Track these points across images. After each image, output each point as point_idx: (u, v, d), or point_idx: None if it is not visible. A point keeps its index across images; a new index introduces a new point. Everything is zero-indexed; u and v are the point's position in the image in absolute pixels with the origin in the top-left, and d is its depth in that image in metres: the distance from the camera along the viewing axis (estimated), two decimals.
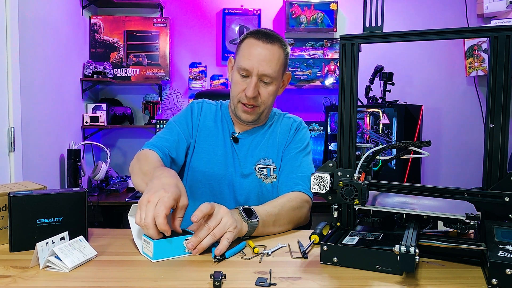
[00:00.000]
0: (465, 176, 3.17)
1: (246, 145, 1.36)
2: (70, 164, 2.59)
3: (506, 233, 0.80)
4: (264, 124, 1.40)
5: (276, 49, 1.26)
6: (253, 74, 1.24)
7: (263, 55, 1.24)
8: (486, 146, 0.85)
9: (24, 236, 0.92)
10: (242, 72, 1.26)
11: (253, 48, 1.25)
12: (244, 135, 1.37)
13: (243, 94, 1.27)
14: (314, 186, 0.92)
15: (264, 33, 1.28)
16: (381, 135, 2.62)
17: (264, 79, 1.26)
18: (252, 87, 1.24)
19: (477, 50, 3.06)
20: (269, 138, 1.38)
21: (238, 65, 1.28)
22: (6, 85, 1.93)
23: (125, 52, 3.07)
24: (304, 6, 3.05)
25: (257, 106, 1.29)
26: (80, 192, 0.97)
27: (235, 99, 1.31)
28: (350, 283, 0.78)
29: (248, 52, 1.26)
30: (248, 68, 1.24)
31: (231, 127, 1.39)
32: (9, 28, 1.93)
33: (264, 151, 1.36)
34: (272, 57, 1.25)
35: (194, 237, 0.91)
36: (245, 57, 1.26)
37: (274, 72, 1.26)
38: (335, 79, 3.10)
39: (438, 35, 0.87)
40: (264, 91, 1.28)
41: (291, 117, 1.45)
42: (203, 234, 0.91)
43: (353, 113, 0.92)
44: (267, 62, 1.24)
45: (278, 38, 1.29)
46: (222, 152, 1.35)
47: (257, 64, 1.24)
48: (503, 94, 0.83)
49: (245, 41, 1.29)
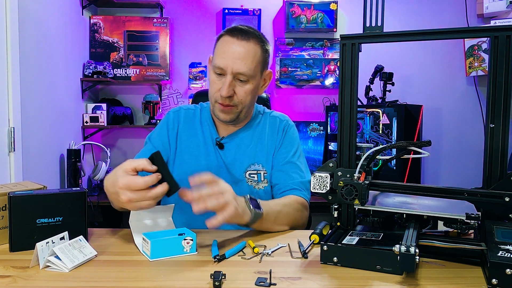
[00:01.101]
0: (465, 176, 3.17)
1: (232, 150, 1.30)
2: (70, 164, 2.59)
3: (506, 233, 0.80)
4: (249, 125, 1.34)
5: (251, 46, 1.21)
6: (228, 72, 1.19)
7: (237, 53, 1.19)
8: (486, 146, 0.85)
9: (24, 236, 0.92)
10: (217, 71, 1.21)
11: (228, 46, 1.20)
12: (228, 139, 1.31)
13: (218, 94, 1.22)
14: (314, 186, 0.92)
15: (239, 30, 1.22)
16: (381, 135, 2.62)
17: (239, 78, 1.20)
18: (226, 86, 1.19)
19: (477, 50, 3.06)
20: (257, 141, 1.32)
21: (213, 64, 1.23)
22: (6, 85, 1.93)
23: (125, 52, 3.07)
24: (304, 6, 3.05)
25: (234, 106, 1.23)
26: (80, 192, 0.97)
27: (212, 99, 1.26)
28: (350, 283, 0.78)
29: (222, 50, 1.21)
30: (222, 66, 1.19)
31: (214, 131, 1.32)
32: (9, 28, 1.93)
33: (253, 156, 1.30)
34: (247, 55, 1.19)
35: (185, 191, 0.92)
36: (219, 55, 1.21)
37: (249, 70, 1.20)
38: (335, 79, 3.10)
39: (438, 35, 0.87)
40: (240, 90, 1.22)
41: (277, 116, 1.38)
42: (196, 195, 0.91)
43: (353, 113, 0.92)
44: (241, 59, 1.19)
45: (255, 35, 1.23)
46: (205, 162, 1.29)
47: (231, 62, 1.18)
48: (503, 94, 0.83)
49: (221, 39, 1.24)
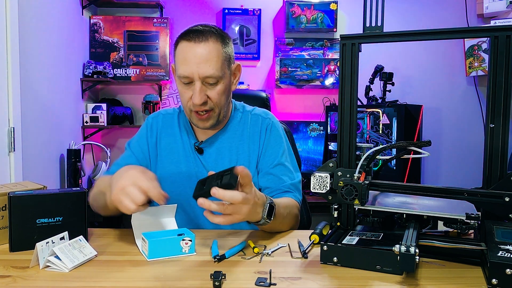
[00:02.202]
0: (465, 176, 3.17)
1: (212, 155, 1.25)
2: (70, 164, 2.59)
3: (506, 233, 0.80)
4: (228, 125, 1.28)
5: (211, 46, 1.14)
6: (195, 79, 1.13)
7: (199, 56, 1.12)
8: (486, 146, 0.85)
9: (24, 236, 0.92)
10: (183, 80, 1.15)
11: (188, 52, 1.14)
12: (208, 143, 1.26)
13: (191, 102, 1.16)
14: (314, 186, 0.92)
15: (194, 32, 1.15)
16: (381, 135, 2.62)
17: (208, 81, 1.14)
18: (198, 93, 1.13)
19: (477, 50, 3.06)
20: (239, 144, 1.26)
21: (177, 74, 1.17)
22: (6, 85, 1.93)
23: (125, 52, 3.07)
24: (304, 6, 3.05)
25: (211, 110, 1.18)
26: (80, 192, 0.97)
27: (187, 109, 1.20)
28: (350, 283, 0.78)
29: (182, 58, 1.14)
30: (188, 74, 1.13)
31: (192, 136, 1.27)
32: (9, 28, 1.93)
33: (235, 160, 1.25)
34: (210, 56, 1.13)
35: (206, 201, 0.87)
36: (181, 63, 1.15)
37: (216, 71, 1.14)
38: (335, 79, 3.10)
39: (438, 35, 0.87)
40: (213, 93, 1.16)
41: (259, 114, 1.31)
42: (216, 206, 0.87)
43: (353, 113, 0.92)
44: (205, 62, 1.12)
45: (212, 32, 1.16)
46: (185, 168, 1.25)
47: (195, 68, 1.12)
48: (503, 94, 0.83)
49: (178, 46, 1.17)
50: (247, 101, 1.42)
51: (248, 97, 1.74)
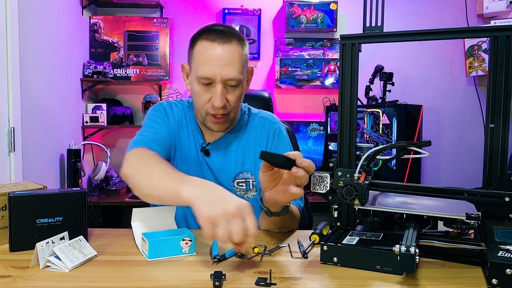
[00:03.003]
0: (465, 176, 3.17)
1: (219, 158, 1.23)
2: (70, 164, 2.59)
3: (506, 233, 0.80)
4: (235, 128, 1.25)
5: (235, 48, 1.10)
6: (217, 81, 1.09)
7: (223, 58, 1.08)
8: (486, 146, 0.85)
9: (24, 236, 0.92)
10: (204, 81, 1.10)
11: (210, 52, 1.09)
12: (214, 145, 1.23)
13: (209, 105, 1.12)
14: (314, 186, 0.92)
15: (217, 32, 1.11)
16: (381, 135, 2.62)
17: (230, 83, 1.11)
18: (219, 96, 1.09)
19: (477, 50, 3.06)
20: (245, 146, 1.24)
21: (197, 74, 1.11)
22: (6, 85, 1.93)
23: (125, 52, 3.07)
24: (304, 6, 3.05)
25: (227, 114, 1.15)
26: (80, 192, 0.97)
27: (202, 111, 1.15)
28: (350, 283, 0.78)
29: (205, 58, 1.09)
30: (210, 76, 1.09)
31: (200, 136, 1.23)
32: (9, 28, 1.93)
33: (241, 163, 1.23)
34: (233, 58, 1.09)
35: None
36: (202, 64, 1.10)
37: (238, 73, 1.10)
38: (335, 79, 3.10)
39: (438, 35, 0.87)
40: (232, 97, 1.13)
41: (266, 117, 1.29)
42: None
43: (353, 113, 0.92)
44: (228, 65, 1.09)
45: (234, 34, 1.13)
46: (193, 167, 1.22)
47: (218, 70, 1.08)
48: (503, 94, 0.83)
49: (198, 45, 1.12)
50: (249, 101, 1.41)
51: (250, 97, 1.71)
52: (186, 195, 0.83)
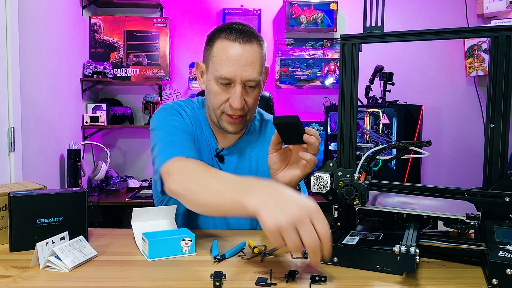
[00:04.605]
0: (465, 176, 3.18)
1: (233, 165, 1.21)
2: (70, 164, 2.59)
3: (507, 233, 0.80)
4: (248, 133, 1.24)
5: (255, 48, 1.08)
6: (237, 82, 1.07)
7: (244, 59, 1.06)
8: (486, 146, 0.85)
9: (24, 236, 0.92)
10: (222, 81, 1.08)
11: (230, 52, 1.06)
12: (228, 151, 1.21)
13: (227, 105, 1.10)
14: (314, 186, 0.92)
15: (238, 31, 1.08)
16: (381, 135, 2.62)
17: (249, 84, 1.09)
18: (239, 97, 1.07)
19: (477, 50, 3.06)
20: (259, 152, 1.23)
21: (215, 74, 1.08)
22: (6, 85, 1.93)
23: (125, 52, 3.07)
24: (304, 6, 3.05)
25: (244, 115, 1.13)
26: (80, 192, 0.97)
27: (218, 111, 1.12)
28: (350, 283, 0.78)
29: (225, 58, 1.07)
30: (230, 76, 1.06)
31: (214, 141, 1.21)
32: (9, 28, 1.93)
33: (255, 170, 1.22)
34: (254, 59, 1.08)
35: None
36: (222, 63, 1.07)
37: (259, 74, 1.09)
38: (335, 79, 3.10)
39: (438, 35, 0.87)
40: (250, 98, 1.11)
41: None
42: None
43: (353, 113, 0.92)
44: (249, 65, 1.07)
45: (254, 34, 1.11)
46: None
47: (239, 71, 1.06)
48: (503, 94, 0.83)
49: (217, 43, 1.09)
50: None
51: None
52: (250, 207, 0.74)
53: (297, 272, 0.79)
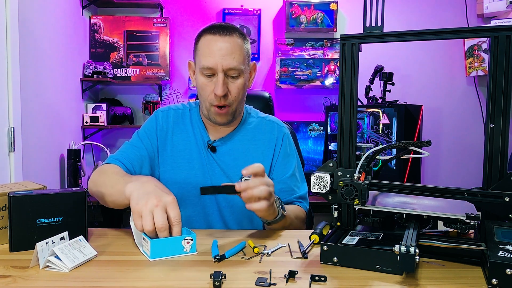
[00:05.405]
0: (465, 176, 3.18)
1: (225, 155, 1.27)
2: (70, 164, 2.59)
3: (506, 233, 0.80)
4: (240, 127, 1.30)
5: (235, 40, 1.18)
6: (218, 70, 1.16)
7: (224, 49, 1.16)
8: (486, 146, 0.85)
9: (24, 236, 0.92)
10: (206, 72, 1.18)
11: (212, 44, 1.17)
12: (220, 142, 1.28)
13: (213, 95, 1.19)
14: (314, 186, 0.92)
15: (219, 27, 1.20)
16: (381, 135, 2.62)
17: (231, 74, 1.18)
18: (221, 84, 1.16)
19: (477, 50, 3.06)
20: (252, 147, 1.29)
21: (200, 66, 1.19)
22: (6, 85, 1.93)
23: (125, 52, 3.07)
24: (304, 6, 3.05)
25: (228, 106, 1.20)
26: (80, 192, 0.97)
27: (207, 103, 1.22)
28: (350, 283, 0.78)
29: (208, 50, 1.17)
30: (212, 65, 1.16)
31: (205, 133, 1.29)
32: (9, 28, 1.93)
33: (249, 163, 1.23)
34: (234, 49, 1.17)
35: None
36: (205, 55, 1.17)
37: (239, 63, 1.18)
38: (335, 79, 3.10)
39: (438, 35, 0.87)
40: (233, 87, 1.19)
41: (274, 121, 1.35)
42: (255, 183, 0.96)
43: (353, 113, 0.92)
44: (230, 54, 1.16)
45: (235, 29, 1.21)
46: (199, 165, 1.26)
47: (220, 59, 1.15)
48: (503, 94, 0.83)
49: (202, 39, 1.20)
50: (250, 101, 1.42)
51: (251, 97, 1.71)
52: (127, 192, 0.96)
53: (297, 272, 0.79)
